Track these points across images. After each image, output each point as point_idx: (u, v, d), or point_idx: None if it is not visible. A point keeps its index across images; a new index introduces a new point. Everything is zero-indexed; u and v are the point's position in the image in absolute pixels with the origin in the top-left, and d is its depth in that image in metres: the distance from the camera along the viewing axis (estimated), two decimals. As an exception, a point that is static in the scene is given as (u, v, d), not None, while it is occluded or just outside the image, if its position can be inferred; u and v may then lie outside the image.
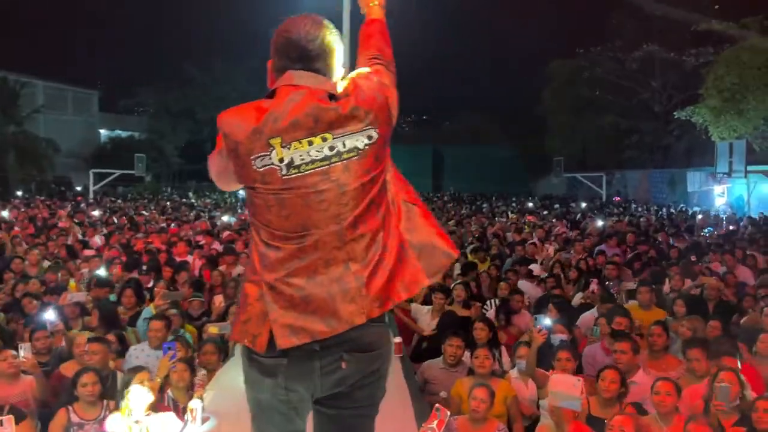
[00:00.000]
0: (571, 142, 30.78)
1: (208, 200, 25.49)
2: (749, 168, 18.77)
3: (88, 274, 7.22)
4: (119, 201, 23.96)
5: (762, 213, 17.06)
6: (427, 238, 1.92)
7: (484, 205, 23.42)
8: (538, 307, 6.27)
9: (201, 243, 10.05)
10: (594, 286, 6.49)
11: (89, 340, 4.36)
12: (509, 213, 18.62)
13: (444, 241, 1.95)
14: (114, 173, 28.88)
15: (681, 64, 25.90)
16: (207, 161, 2.00)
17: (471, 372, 4.45)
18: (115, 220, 14.32)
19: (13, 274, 7.14)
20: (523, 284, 7.34)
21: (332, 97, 1.77)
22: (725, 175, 19.88)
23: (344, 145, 1.75)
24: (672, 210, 20.20)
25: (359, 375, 1.85)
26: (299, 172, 1.74)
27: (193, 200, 25.57)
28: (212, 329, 4.93)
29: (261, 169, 1.74)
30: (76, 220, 13.18)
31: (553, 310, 5.58)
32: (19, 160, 28.76)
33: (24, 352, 4.16)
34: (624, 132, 29.58)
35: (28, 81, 33.82)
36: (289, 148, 1.72)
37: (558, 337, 5.03)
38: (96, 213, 15.93)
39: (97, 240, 10.70)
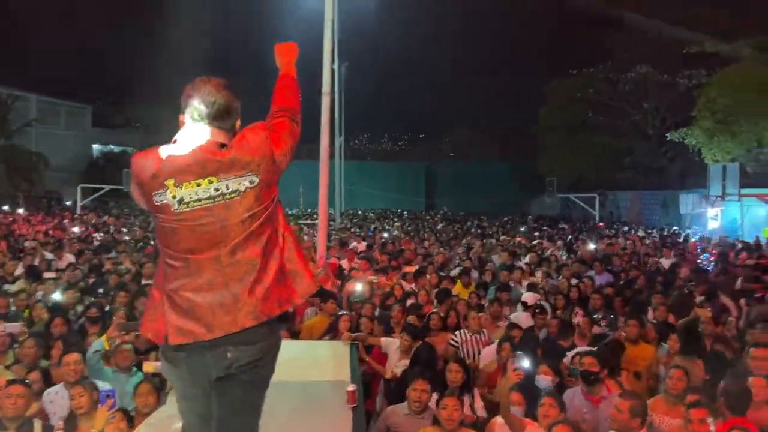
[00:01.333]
0: (565, 163, 30.58)
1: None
2: (743, 191, 18.55)
3: (44, 297, 6.84)
4: (105, 217, 23.55)
5: (757, 237, 16.79)
6: (299, 267, 2.34)
7: (475, 225, 23.15)
8: (525, 342, 5.80)
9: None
10: (579, 318, 6.13)
11: (8, 382, 3.89)
12: (499, 234, 18.28)
13: (307, 274, 2.36)
14: (103, 188, 28.57)
15: (674, 85, 25.84)
16: None
17: (437, 421, 3.97)
18: (97, 237, 13.95)
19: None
20: (517, 317, 6.96)
21: (223, 146, 2.19)
22: (718, 198, 19.66)
23: (227, 187, 2.16)
24: (665, 232, 19.91)
25: (245, 361, 2.22)
26: (188, 208, 2.15)
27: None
28: (148, 367, 4.33)
29: (159, 203, 2.16)
30: (50, 239, 12.79)
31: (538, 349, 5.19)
32: (7, 173, 28.41)
33: None
34: (617, 153, 29.42)
35: (21, 95, 33.60)
36: (180, 188, 2.14)
37: (544, 380, 4.64)
38: (76, 229, 15.55)
39: (69, 258, 10.33)
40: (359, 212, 30.84)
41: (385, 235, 17.25)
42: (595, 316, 6.55)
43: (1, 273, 8.57)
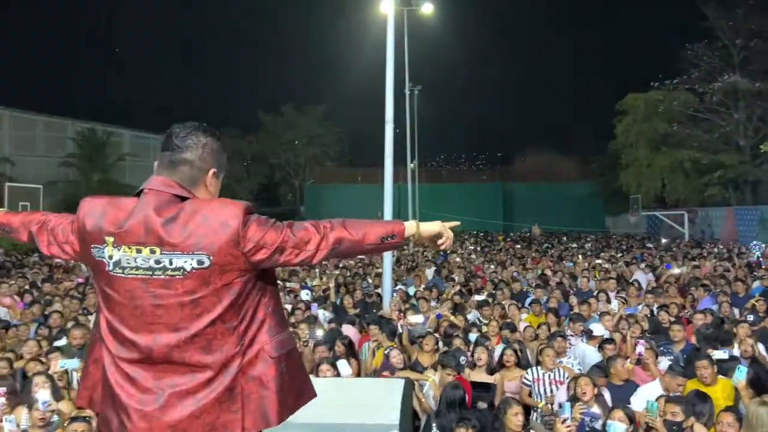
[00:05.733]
0: (649, 179, 29.17)
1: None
2: None
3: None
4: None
5: None
6: (266, 391, 1.89)
7: (553, 248, 22.40)
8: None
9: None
10: (641, 347, 5.66)
11: (71, 419, 3.99)
12: (579, 256, 17.53)
13: (277, 403, 1.90)
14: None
15: (767, 94, 24.22)
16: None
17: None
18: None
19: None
20: (584, 351, 6.58)
21: (180, 209, 1.84)
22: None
23: (171, 262, 1.80)
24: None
25: None
26: (123, 274, 1.83)
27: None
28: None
29: (96, 259, 1.88)
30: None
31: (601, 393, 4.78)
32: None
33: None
34: (706, 167, 27.78)
35: (115, 131, 36.04)
36: (119, 249, 1.83)
37: (618, 426, 4.09)
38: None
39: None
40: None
41: (458, 259, 16.97)
42: (662, 348, 6.02)
43: (86, 304, 8.99)
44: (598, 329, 7.14)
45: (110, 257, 1.83)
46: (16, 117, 34.86)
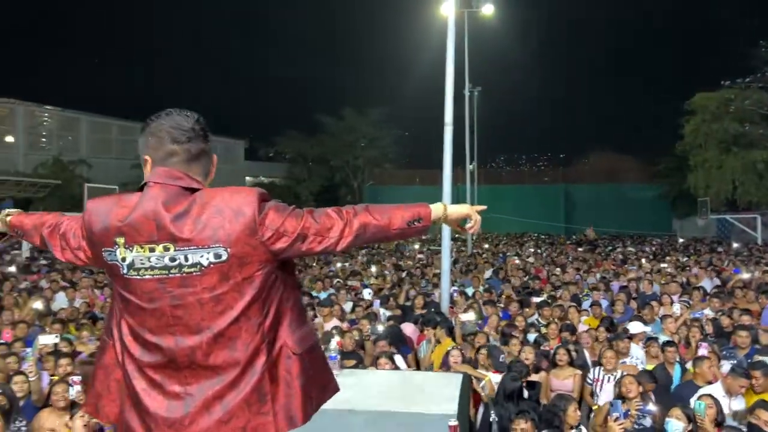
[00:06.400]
0: (719, 181, 28.08)
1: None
2: None
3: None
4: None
5: None
6: (291, 390, 1.81)
7: (618, 249, 21.92)
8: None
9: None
10: (703, 350, 5.62)
11: None
12: (643, 260, 17.13)
13: (303, 402, 1.82)
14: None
15: None
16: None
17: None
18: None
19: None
20: (636, 349, 6.59)
21: (194, 190, 1.76)
22: None
23: (186, 258, 1.70)
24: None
25: None
26: (138, 276, 1.73)
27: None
28: None
29: (109, 263, 1.77)
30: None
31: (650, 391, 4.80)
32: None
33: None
34: (780, 167, 26.52)
35: (183, 134, 37.62)
36: (130, 250, 1.72)
37: (676, 424, 4.19)
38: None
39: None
40: (492, 237, 30.42)
41: (517, 261, 16.90)
42: (725, 352, 5.94)
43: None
44: (637, 327, 7.09)
45: (123, 260, 1.72)
46: (92, 121, 36.96)
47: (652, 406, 3.78)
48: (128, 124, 37.11)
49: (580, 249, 22.83)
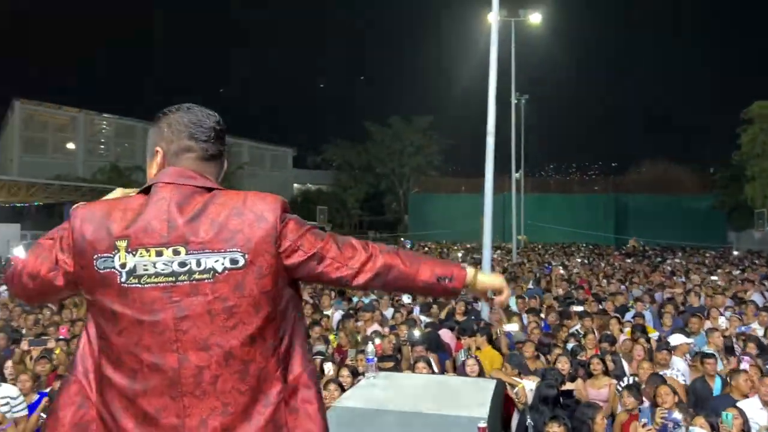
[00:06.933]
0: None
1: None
2: None
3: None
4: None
5: None
6: (310, 423, 1.60)
7: (668, 261, 21.39)
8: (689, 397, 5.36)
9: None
10: (745, 364, 5.51)
11: None
12: (691, 273, 16.68)
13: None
14: (300, 223, 31.58)
15: None
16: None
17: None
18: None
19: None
20: (677, 362, 6.51)
21: (211, 190, 1.60)
22: None
23: (198, 263, 1.51)
24: None
25: None
26: (139, 284, 1.51)
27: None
28: None
29: (100, 272, 1.52)
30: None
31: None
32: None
33: None
34: None
35: (236, 142, 38.81)
36: (134, 255, 1.51)
37: None
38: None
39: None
40: (539, 246, 30.06)
41: (562, 271, 16.71)
42: None
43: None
44: (678, 339, 6.99)
45: (123, 266, 1.51)
46: (148, 129, 38.36)
47: (677, 414, 3.80)
48: (182, 131, 38.35)
49: (628, 260, 22.39)
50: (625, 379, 5.95)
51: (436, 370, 5.73)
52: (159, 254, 1.51)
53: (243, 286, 1.52)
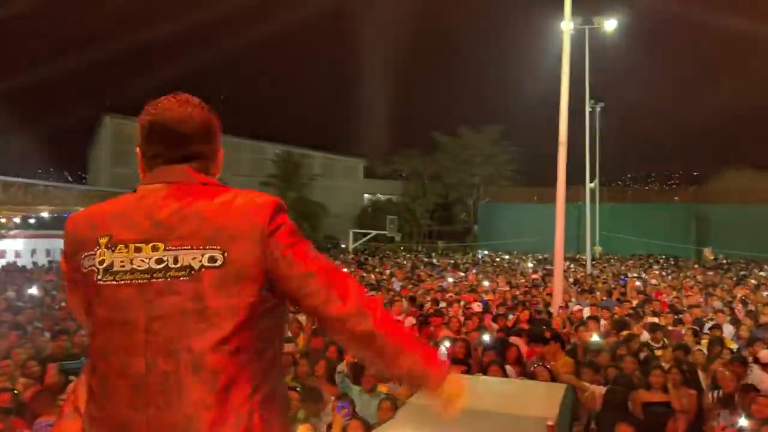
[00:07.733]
0: None
1: (449, 260, 26.52)
2: None
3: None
4: (368, 258, 26.38)
5: None
6: None
7: (753, 273, 20.43)
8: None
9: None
10: None
11: None
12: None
13: None
14: (370, 233, 32.13)
15: None
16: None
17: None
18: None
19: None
20: (755, 375, 6.36)
21: (201, 185, 1.54)
22: None
23: (175, 260, 1.42)
24: None
25: None
26: (113, 281, 1.44)
27: (434, 260, 26.83)
28: (382, 388, 5.13)
29: (85, 271, 1.49)
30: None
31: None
32: (296, 220, 33.47)
33: None
34: None
35: (308, 153, 39.97)
36: (112, 251, 1.46)
37: None
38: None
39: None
40: (614, 258, 29.28)
41: (638, 283, 16.33)
42: None
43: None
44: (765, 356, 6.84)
45: (101, 263, 1.46)
46: (225, 141, 39.82)
47: (744, 421, 3.81)
48: (259, 144, 39.94)
49: (710, 273, 21.52)
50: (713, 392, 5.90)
51: (512, 375, 5.88)
52: (138, 250, 1.44)
53: (220, 287, 1.41)
